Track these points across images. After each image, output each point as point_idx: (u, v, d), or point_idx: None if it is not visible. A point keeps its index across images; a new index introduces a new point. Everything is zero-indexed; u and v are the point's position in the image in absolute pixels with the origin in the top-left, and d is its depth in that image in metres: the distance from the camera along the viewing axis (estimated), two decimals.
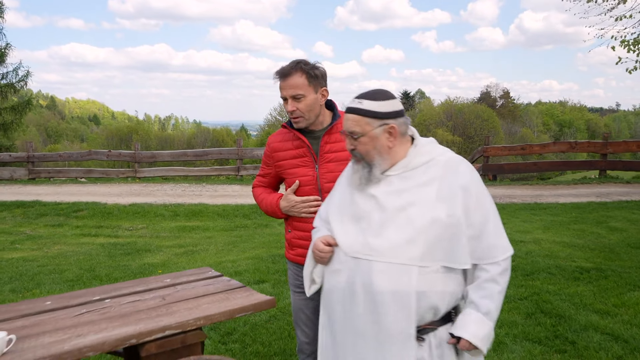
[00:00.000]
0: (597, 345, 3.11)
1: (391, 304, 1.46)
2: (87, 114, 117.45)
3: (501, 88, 58.25)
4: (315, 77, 2.04)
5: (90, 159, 12.73)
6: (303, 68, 2.03)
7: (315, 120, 2.10)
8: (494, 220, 1.57)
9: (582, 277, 4.45)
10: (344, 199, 1.65)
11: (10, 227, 8.39)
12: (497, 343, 3.20)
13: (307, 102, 2.02)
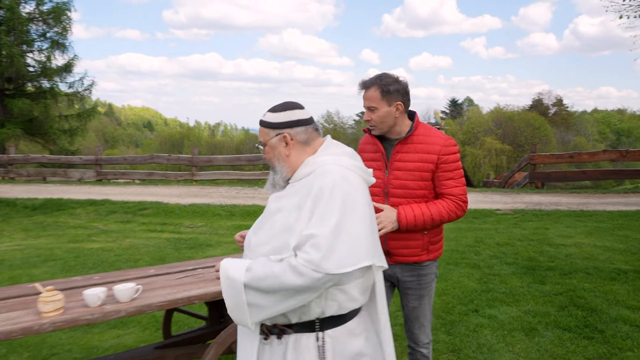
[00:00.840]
0: (624, 335, 3.38)
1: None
2: (141, 120, 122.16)
3: (554, 95, 56.54)
4: (388, 92, 2.20)
5: (152, 162, 13.69)
6: (379, 83, 2.21)
7: (390, 130, 2.28)
8: (333, 228, 1.43)
9: (618, 278, 4.66)
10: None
11: (85, 223, 9.28)
12: (529, 329, 3.53)
13: (380, 114, 2.22)
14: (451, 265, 5.31)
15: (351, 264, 1.42)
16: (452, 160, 2.25)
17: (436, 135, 2.28)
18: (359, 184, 1.55)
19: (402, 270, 2.34)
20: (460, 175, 2.29)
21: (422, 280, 2.36)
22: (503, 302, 4.10)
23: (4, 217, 9.69)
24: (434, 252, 2.36)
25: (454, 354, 3.19)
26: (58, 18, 23.05)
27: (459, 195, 2.25)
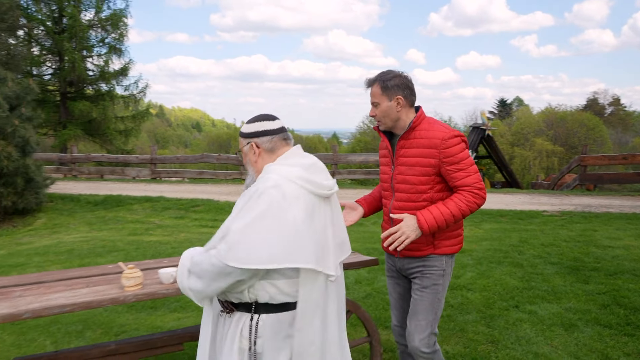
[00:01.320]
0: None
1: None
2: (190, 121, 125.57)
3: (610, 94, 54.06)
4: (387, 87, 2.26)
5: (203, 161, 14.28)
6: (379, 79, 2.29)
7: (395, 125, 2.32)
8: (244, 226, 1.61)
9: None
10: None
11: (142, 217, 9.86)
12: (569, 325, 3.61)
13: (382, 108, 2.28)
14: (493, 263, 5.39)
15: (253, 262, 1.58)
16: (455, 152, 2.21)
17: (437, 129, 2.26)
18: (295, 195, 1.65)
19: (409, 262, 2.35)
20: (469, 164, 2.23)
21: (426, 272, 2.32)
22: (544, 299, 4.18)
23: (69, 212, 10.43)
24: (442, 248, 2.31)
25: (492, 344, 3.33)
26: (115, 24, 24.23)
27: (473, 184, 2.20)
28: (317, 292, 1.71)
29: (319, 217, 1.72)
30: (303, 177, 1.70)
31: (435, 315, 2.33)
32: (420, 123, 2.29)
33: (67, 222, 9.54)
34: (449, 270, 2.36)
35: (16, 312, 2.05)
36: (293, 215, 1.62)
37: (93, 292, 2.29)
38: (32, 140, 9.47)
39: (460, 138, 2.25)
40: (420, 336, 2.28)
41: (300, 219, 1.64)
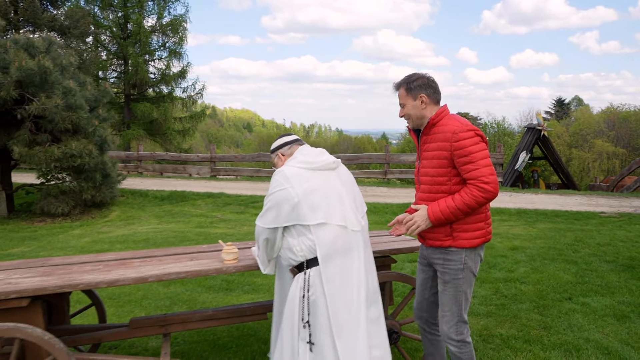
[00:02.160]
0: None
1: None
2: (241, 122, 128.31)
3: None
4: (411, 88, 2.45)
5: (259, 160, 14.90)
6: (404, 82, 2.49)
7: (422, 122, 2.47)
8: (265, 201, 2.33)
9: None
10: None
11: (206, 212, 10.52)
12: (622, 316, 3.78)
13: (408, 108, 2.47)
14: (547, 260, 5.53)
15: (265, 224, 2.29)
16: (465, 145, 2.30)
17: (452, 123, 2.37)
18: (296, 173, 2.27)
19: (433, 252, 2.49)
20: (479, 157, 2.29)
21: (447, 265, 2.43)
22: (597, 293, 4.33)
23: (139, 206, 11.26)
24: (461, 240, 2.39)
25: (545, 330, 3.56)
26: (176, 29, 25.40)
27: (479, 178, 2.26)
28: (330, 240, 2.20)
29: (326, 185, 2.29)
30: (302, 160, 2.34)
31: (460, 306, 2.44)
32: (441, 119, 2.42)
33: (138, 215, 10.32)
34: (470, 264, 2.42)
35: (143, 276, 2.52)
36: (290, 192, 2.22)
37: (198, 264, 2.75)
38: (108, 139, 10.32)
39: (473, 132, 2.32)
40: (448, 325, 2.45)
41: (299, 192, 2.21)
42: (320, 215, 2.22)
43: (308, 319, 2.20)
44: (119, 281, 2.47)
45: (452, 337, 2.45)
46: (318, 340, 2.17)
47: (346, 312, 2.19)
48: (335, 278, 2.20)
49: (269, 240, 2.34)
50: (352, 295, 2.22)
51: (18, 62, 8.83)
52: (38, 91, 9.16)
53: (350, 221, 2.28)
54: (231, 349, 3.36)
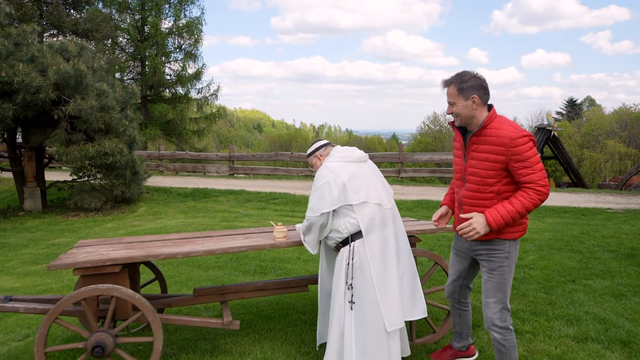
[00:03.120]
0: None
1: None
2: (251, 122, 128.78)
3: None
4: (463, 88, 2.48)
5: (277, 159, 15.43)
6: (455, 81, 2.52)
7: (470, 122, 2.53)
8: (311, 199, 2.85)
9: None
10: None
11: (228, 208, 11.05)
12: (619, 294, 4.22)
13: (458, 107, 2.51)
14: (554, 250, 5.98)
15: (315, 212, 2.78)
16: (522, 151, 2.39)
17: (507, 128, 2.44)
18: (338, 166, 2.80)
19: (475, 244, 2.64)
20: (535, 162, 2.41)
21: (492, 255, 2.56)
22: (598, 277, 4.78)
23: (164, 202, 11.83)
24: (506, 234, 2.53)
25: (550, 305, 4.02)
26: (191, 31, 26.00)
27: (536, 182, 2.39)
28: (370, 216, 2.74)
29: (362, 173, 2.83)
30: (340, 156, 2.89)
31: (504, 294, 2.57)
32: (492, 122, 2.49)
33: (164, 210, 10.88)
34: (513, 253, 2.57)
35: (211, 249, 3.03)
36: (339, 180, 2.74)
37: (253, 241, 3.25)
38: (137, 138, 10.90)
39: (528, 138, 2.41)
40: (492, 312, 2.59)
41: (344, 179, 2.74)
42: (361, 195, 2.76)
43: (351, 282, 2.70)
44: (192, 253, 2.99)
45: (497, 324, 2.57)
46: (360, 297, 2.67)
47: (384, 271, 2.71)
48: (375, 245, 2.72)
49: (322, 224, 2.81)
50: (390, 259, 2.74)
51: (56, 66, 9.42)
52: (73, 93, 9.75)
53: (383, 200, 2.83)
54: (274, 318, 3.87)
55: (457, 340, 3.12)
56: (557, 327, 3.54)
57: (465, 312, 3.07)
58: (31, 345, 3.53)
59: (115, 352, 2.83)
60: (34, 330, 3.87)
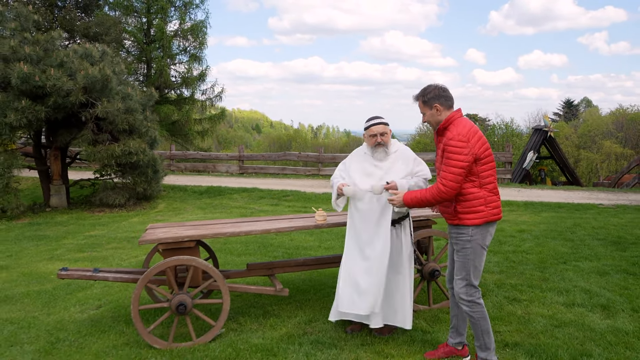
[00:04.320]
0: None
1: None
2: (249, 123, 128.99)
3: None
4: (425, 101, 3.00)
5: (285, 159, 16.11)
6: (420, 95, 3.05)
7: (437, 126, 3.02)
8: (419, 163, 3.50)
9: None
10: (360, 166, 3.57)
11: (243, 204, 11.71)
12: (603, 272, 4.91)
13: (426, 116, 3.05)
14: (549, 239, 6.66)
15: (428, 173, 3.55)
16: (449, 151, 2.86)
17: (452, 130, 2.89)
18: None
19: (450, 228, 3.10)
20: (451, 165, 2.83)
21: (457, 237, 3.00)
22: (587, 259, 5.47)
23: (181, 199, 12.48)
24: (466, 220, 2.92)
25: (543, 281, 4.70)
26: (196, 34, 26.65)
27: (441, 179, 2.90)
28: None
29: None
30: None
31: (468, 272, 2.93)
32: (450, 124, 2.94)
33: (183, 207, 11.54)
34: (476, 237, 2.92)
35: (267, 228, 3.71)
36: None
37: (297, 223, 3.93)
38: (157, 138, 11.56)
39: (459, 142, 2.82)
40: (458, 287, 3.00)
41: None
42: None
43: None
44: (252, 231, 3.67)
45: (463, 298, 2.98)
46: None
47: None
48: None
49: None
50: None
51: (84, 71, 10.07)
52: (100, 96, 10.41)
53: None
54: (310, 291, 4.54)
55: (453, 337, 3.23)
56: (549, 296, 4.23)
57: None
58: (106, 313, 4.21)
59: (192, 312, 3.50)
60: (104, 302, 4.53)
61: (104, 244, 7.42)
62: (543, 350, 3.19)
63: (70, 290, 4.95)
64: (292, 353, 3.27)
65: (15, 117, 9.47)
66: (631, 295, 4.25)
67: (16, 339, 3.74)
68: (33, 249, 7.19)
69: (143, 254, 6.46)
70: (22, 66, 9.57)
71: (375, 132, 3.47)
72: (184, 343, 3.46)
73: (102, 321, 4.03)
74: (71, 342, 3.63)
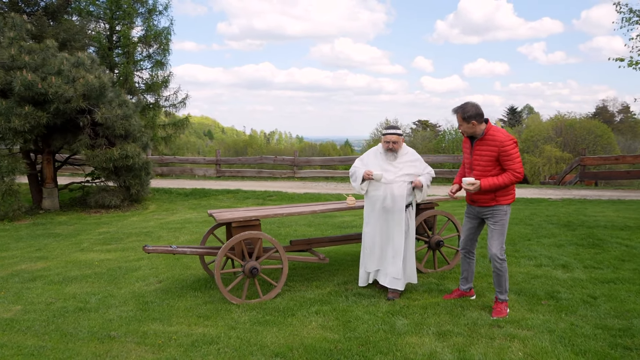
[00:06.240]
0: (614, 243, 6.00)
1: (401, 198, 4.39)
2: (201, 128, 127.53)
3: (620, 102, 55.84)
4: (464, 117, 3.83)
5: (261, 162, 17.00)
6: (460, 111, 3.86)
7: (473, 134, 3.89)
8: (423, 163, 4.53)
9: (625, 228, 7.22)
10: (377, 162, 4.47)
11: (230, 204, 12.52)
12: (559, 245, 6.22)
13: (463, 127, 3.90)
14: (512, 224, 8.00)
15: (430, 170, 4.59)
16: (508, 150, 3.76)
17: (498, 135, 3.78)
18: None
19: (483, 209, 3.98)
20: (515, 157, 3.75)
21: (495, 214, 3.92)
22: (546, 237, 6.80)
23: (169, 200, 13.16)
24: (501, 200, 3.89)
25: (514, 252, 5.95)
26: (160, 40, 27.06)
27: (514, 169, 3.77)
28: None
29: None
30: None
31: (502, 238, 3.90)
32: (488, 132, 3.88)
33: (173, 207, 12.24)
34: (508, 212, 3.93)
35: (314, 209, 4.73)
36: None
37: (334, 206, 4.96)
38: (149, 143, 12.23)
39: (512, 141, 3.79)
40: (496, 249, 3.90)
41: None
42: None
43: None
44: (303, 212, 4.70)
45: (499, 257, 3.90)
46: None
47: None
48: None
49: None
50: None
51: (83, 78, 10.67)
52: (97, 102, 11.01)
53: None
54: (334, 265, 5.58)
55: (463, 284, 4.33)
56: (523, 262, 5.48)
57: (472, 260, 4.33)
58: (170, 285, 5.08)
59: (260, 276, 4.47)
60: (162, 278, 5.38)
61: (123, 238, 8.13)
62: (527, 291, 4.40)
63: (122, 272, 5.75)
64: (341, 302, 4.31)
65: (20, 123, 9.96)
66: (582, 258, 5.57)
67: (108, 303, 4.57)
68: (56, 244, 7.82)
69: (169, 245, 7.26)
70: (26, 74, 10.09)
71: (389, 140, 4.41)
72: (254, 300, 4.42)
73: (172, 290, 4.90)
74: (159, 303, 4.50)
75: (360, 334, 3.60)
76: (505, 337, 3.47)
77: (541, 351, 3.23)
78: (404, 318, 3.90)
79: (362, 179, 4.43)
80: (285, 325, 3.83)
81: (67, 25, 20.32)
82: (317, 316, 3.99)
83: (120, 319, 4.15)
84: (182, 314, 4.21)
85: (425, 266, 5.21)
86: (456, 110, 3.95)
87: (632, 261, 5.44)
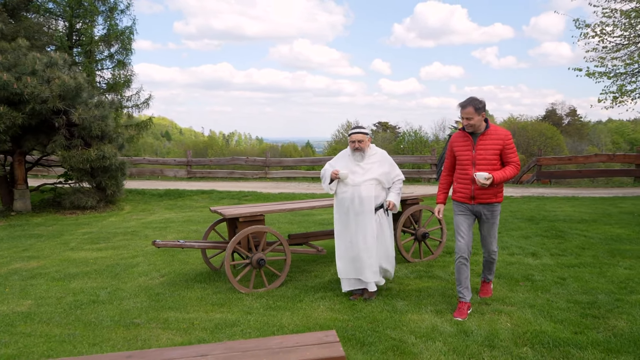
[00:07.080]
0: (574, 234, 6.70)
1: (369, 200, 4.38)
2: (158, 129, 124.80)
3: (567, 105, 58.77)
4: (478, 108, 3.83)
5: (233, 163, 17.20)
6: (472, 103, 3.85)
7: (477, 128, 3.91)
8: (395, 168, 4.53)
9: (582, 221, 7.98)
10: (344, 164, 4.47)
11: (206, 204, 12.67)
12: (525, 237, 6.87)
13: (474, 120, 3.87)
14: None
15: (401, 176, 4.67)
16: (510, 144, 3.92)
17: (500, 130, 3.94)
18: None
19: (483, 207, 4.00)
20: (515, 150, 3.92)
21: (493, 212, 4.04)
22: (514, 230, 7.46)
23: (143, 201, 13.21)
24: (500, 198, 4.03)
25: None
26: (121, 39, 26.70)
27: (515, 162, 3.90)
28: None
29: None
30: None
31: (497, 232, 4.16)
32: (490, 127, 3.98)
33: (149, 208, 12.32)
34: (500, 209, 4.12)
35: (312, 205, 5.12)
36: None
37: (329, 202, 5.37)
38: (125, 143, 12.26)
39: (511, 136, 3.98)
40: (493, 245, 4.18)
41: None
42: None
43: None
44: (303, 207, 5.07)
45: (495, 251, 4.21)
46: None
47: None
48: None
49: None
50: None
51: (59, 79, 10.64)
52: (72, 103, 10.98)
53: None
54: (329, 257, 5.99)
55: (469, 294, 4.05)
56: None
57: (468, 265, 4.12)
58: (174, 278, 5.35)
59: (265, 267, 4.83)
60: (164, 272, 5.64)
61: (110, 237, 8.25)
62: (505, 275, 4.97)
63: (121, 268, 5.96)
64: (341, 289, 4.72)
65: None
66: (547, 247, 6.22)
67: (119, 296, 4.81)
68: (41, 244, 7.86)
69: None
70: (1, 74, 9.97)
71: (355, 139, 4.44)
72: (260, 289, 4.77)
73: (178, 283, 5.18)
74: (169, 294, 4.78)
75: (367, 314, 4.03)
76: (494, 312, 3.99)
77: (526, 322, 3.76)
78: (403, 300, 4.36)
79: (330, 179, 4.48)
80: (297, 309, 4.21)
81: (27, 24, 19.86)
82: (324, 301, 4.40)
83: (137, 309, 4.41)
84: (196, 303, 4.51)
85: (412, 256, 5.70)
86: (467, 103, 3.95)
87: (591, 249, 6.13)
